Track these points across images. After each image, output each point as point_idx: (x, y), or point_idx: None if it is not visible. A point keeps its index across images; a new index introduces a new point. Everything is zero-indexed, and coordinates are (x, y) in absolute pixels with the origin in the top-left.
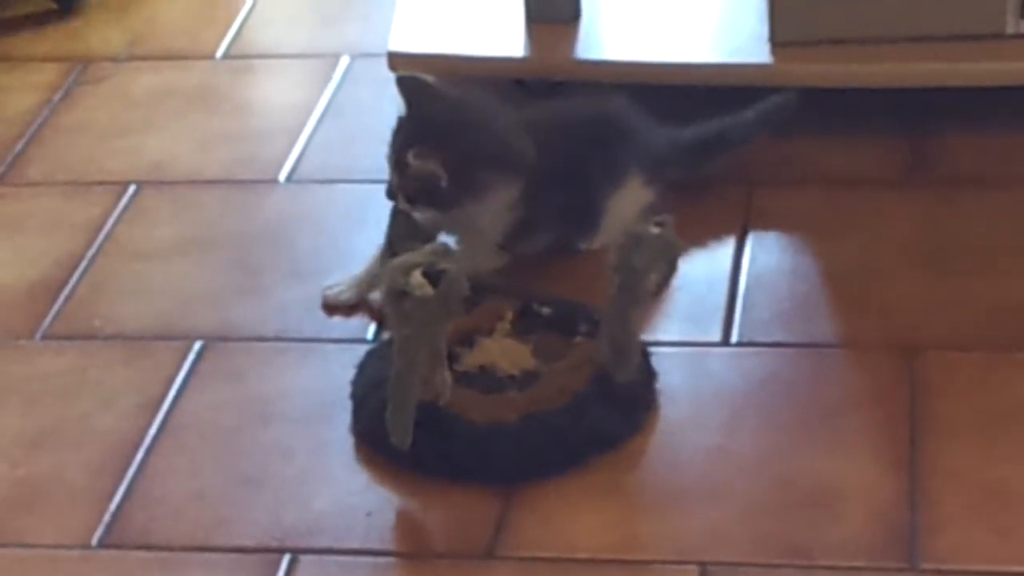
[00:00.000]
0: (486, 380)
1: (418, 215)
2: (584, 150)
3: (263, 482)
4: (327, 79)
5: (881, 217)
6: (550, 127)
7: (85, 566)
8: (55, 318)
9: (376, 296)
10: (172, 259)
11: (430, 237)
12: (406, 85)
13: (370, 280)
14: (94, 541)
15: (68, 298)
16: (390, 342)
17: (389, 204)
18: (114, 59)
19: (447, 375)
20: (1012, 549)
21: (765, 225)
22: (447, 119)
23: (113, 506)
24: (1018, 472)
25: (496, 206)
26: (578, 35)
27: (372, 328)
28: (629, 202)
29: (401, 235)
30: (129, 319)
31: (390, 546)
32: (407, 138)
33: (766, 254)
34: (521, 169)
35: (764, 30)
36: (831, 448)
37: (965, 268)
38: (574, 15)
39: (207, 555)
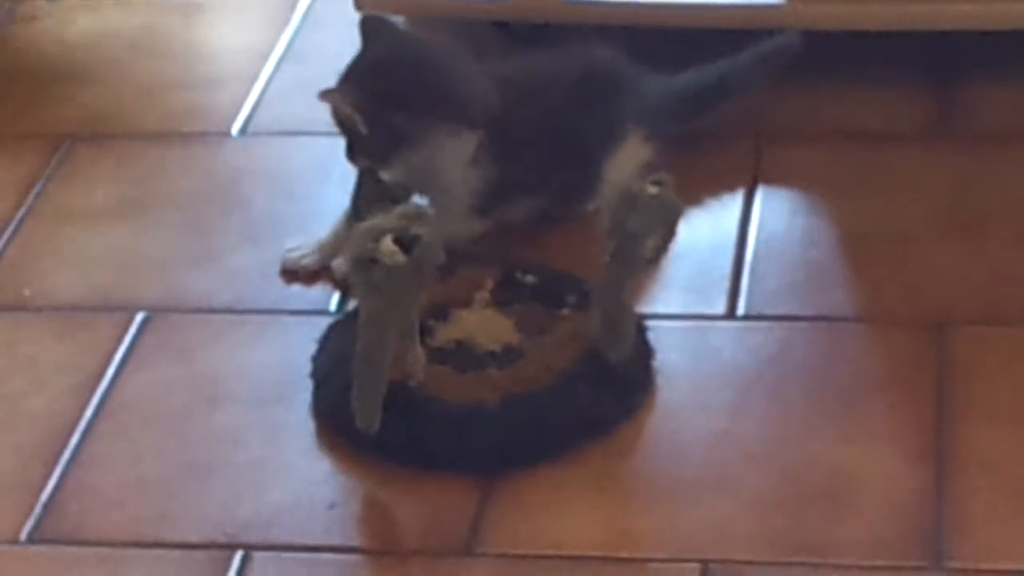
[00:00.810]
0: (463, 357)
1: (384, 175)
2: (575, 107)
3: (212, 470)
4: (286, 20)
5: (905, 176)
6: (534, 81)
7: (14, 562)
8: None
9: (340, 263)
10: (111, 222)
11: (400, 200)
12: (366, 25)
13: (334, 244)
14: (23, 535)
15: None
16: (356, 314)
17: None
18: None
19: (420, 351)
20: None
21: (775, 184)
22: (383, 59)
23: (45, 496)
24: None
25: (452, 161)
26: None
27: (336, 298)
28: (628, 162)
29: (368, 197)
30: (63, 288)
31: (356, 542)
32: (338, 79)
33: (776, 217)
34: (475, 120)
35: None
36: (848, 434)
37: (1000, 233)
38: None
39: (150, 551)
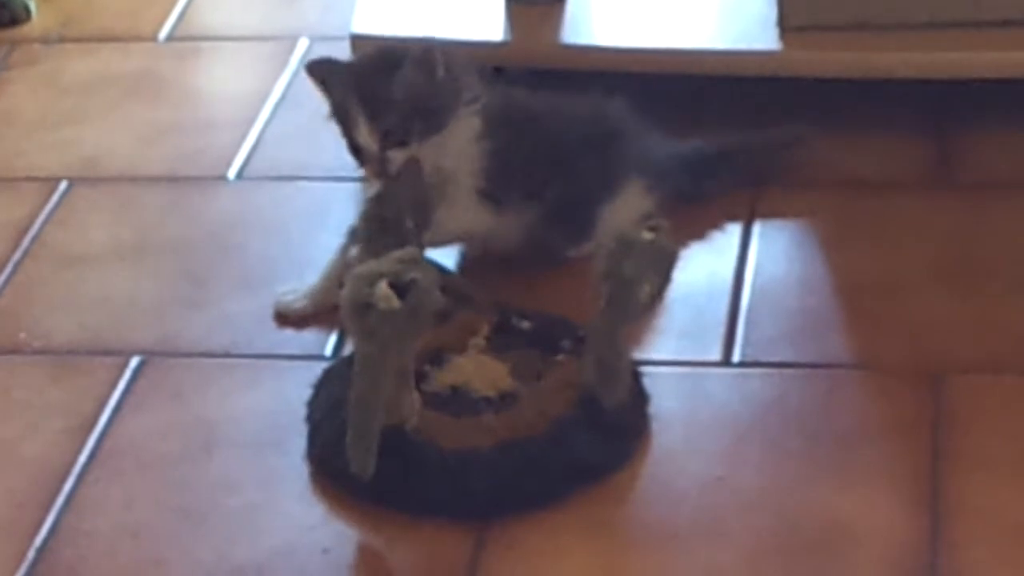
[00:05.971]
0: (458, 402)
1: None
2: (580, 149)
3: (207, 516)
4: (283, 64)
5: (903, 224)
6: (543, 103)
7: None
8: None
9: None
10: (107, 265)
11: (402, 234)
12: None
13: (326, 289)
14: None
15: None
16: (351, 359)
17: (352, 205)
18: (44, 41)
19: (415, 397)
20: None
21: (772, 230)
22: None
23: (38, 542)
24: None
25: (457, 138)
26: (564, 17)
27: (331, 343)
28: (627, 210)
29: (371, 226)
30: (58, 332)
31: None
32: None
33: (772, 263)
34: (470, 97)
35: (772, 13)
36: (843, 482)
37: (997, 282)
38: None
39: None
